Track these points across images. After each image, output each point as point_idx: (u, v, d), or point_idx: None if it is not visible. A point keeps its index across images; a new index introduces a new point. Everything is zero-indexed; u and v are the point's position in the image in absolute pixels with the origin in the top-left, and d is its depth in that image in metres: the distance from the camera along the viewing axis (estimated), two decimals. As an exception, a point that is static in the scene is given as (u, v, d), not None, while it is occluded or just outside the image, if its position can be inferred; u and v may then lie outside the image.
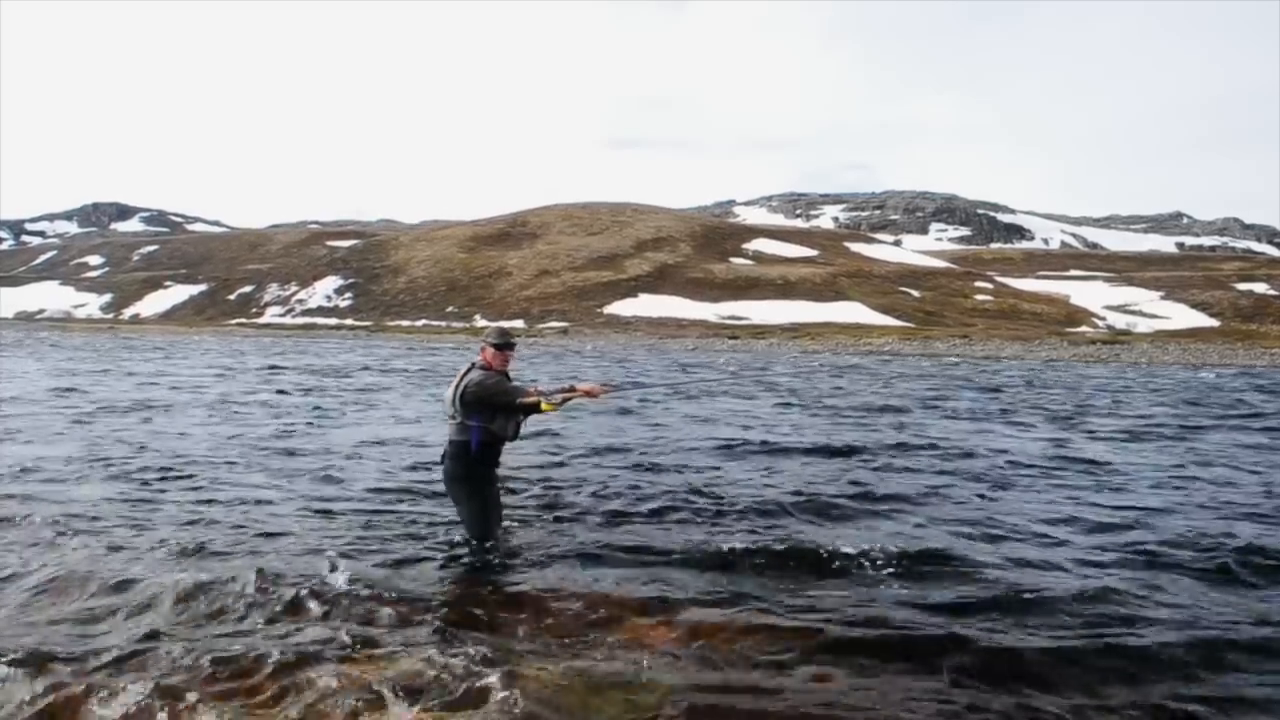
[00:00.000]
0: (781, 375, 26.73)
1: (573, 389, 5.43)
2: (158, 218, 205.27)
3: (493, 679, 3.61)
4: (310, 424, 12.32)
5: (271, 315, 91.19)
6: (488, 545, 5.44)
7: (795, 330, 63.09)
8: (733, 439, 10.94)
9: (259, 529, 6.02)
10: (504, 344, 5.44)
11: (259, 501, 6.93)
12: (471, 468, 5.36)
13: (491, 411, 5.24)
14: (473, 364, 5.41)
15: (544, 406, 5.14)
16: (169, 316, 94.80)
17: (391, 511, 6.64)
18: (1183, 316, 73.05)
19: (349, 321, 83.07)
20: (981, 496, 7.74)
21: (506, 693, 3.50)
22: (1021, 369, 32.13)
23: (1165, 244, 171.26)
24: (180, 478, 7.90)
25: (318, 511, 6.60)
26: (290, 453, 9.52)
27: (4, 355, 30.74)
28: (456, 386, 5.30)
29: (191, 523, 6.19)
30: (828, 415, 14.66)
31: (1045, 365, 35.61)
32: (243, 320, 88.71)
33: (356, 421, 12.85)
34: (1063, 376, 27.71)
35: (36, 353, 33.43)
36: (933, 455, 9.95)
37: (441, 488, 5.75)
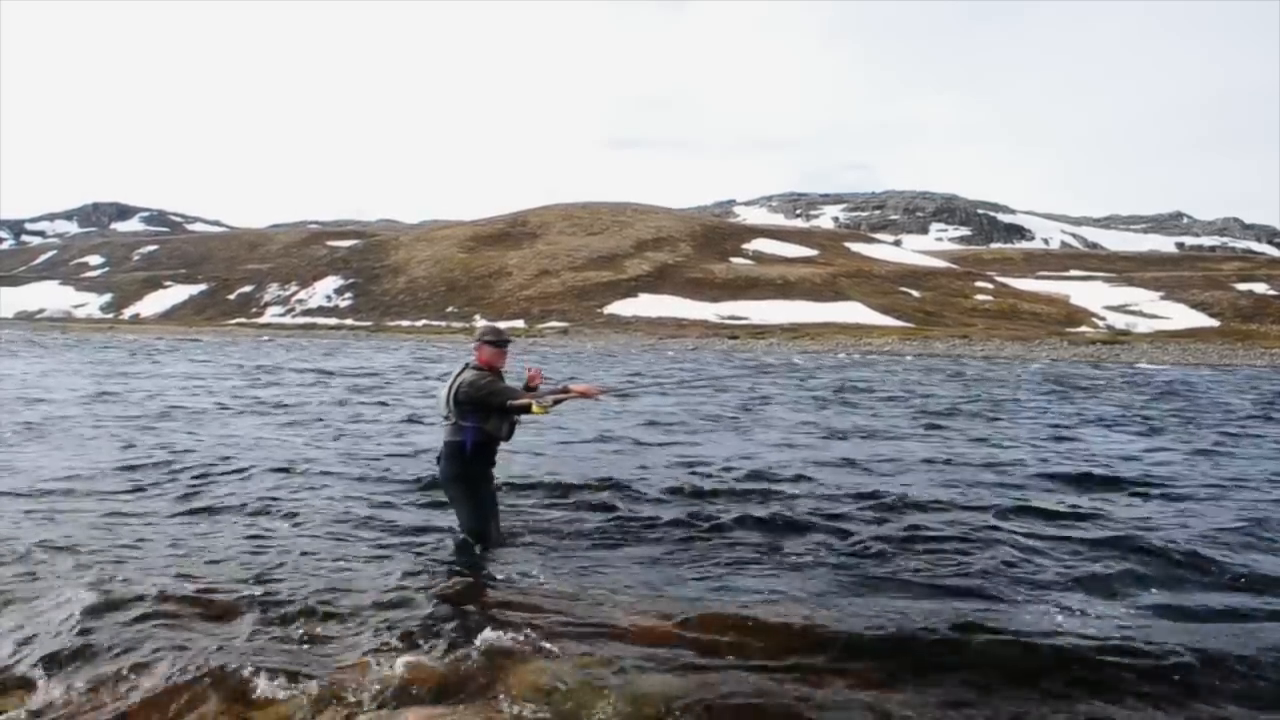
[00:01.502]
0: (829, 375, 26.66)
1: (567, 390, 5.40)
2: (158, 218, 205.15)
3: (490, 679, 3.61)
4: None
5: (271, 315, 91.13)
6: (484, 545, 5.43)
7: (795, 330, 63.05)
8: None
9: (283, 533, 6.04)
10: (498, 342, 5.42)
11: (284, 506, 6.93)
12: (467, 468, 5.34)
13: (485, 412, 5.22)
14: (467, 364, 5.40)
15: (535, 409, 5.08)
16: (169, 316, 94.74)
17: (394, 512, 6.64)
18: (1182, 316, 72.99)
19: (349, 322, 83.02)
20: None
21: (503, 694, 3.50)
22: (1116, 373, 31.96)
23: (1165, 244, 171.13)
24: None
25: (334, 518, 6.57)
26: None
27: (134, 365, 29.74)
28: (450, 387, 5.29)
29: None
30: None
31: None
32: (243, 320, 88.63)
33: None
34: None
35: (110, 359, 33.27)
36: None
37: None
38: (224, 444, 10.07)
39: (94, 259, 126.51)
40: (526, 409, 5.11)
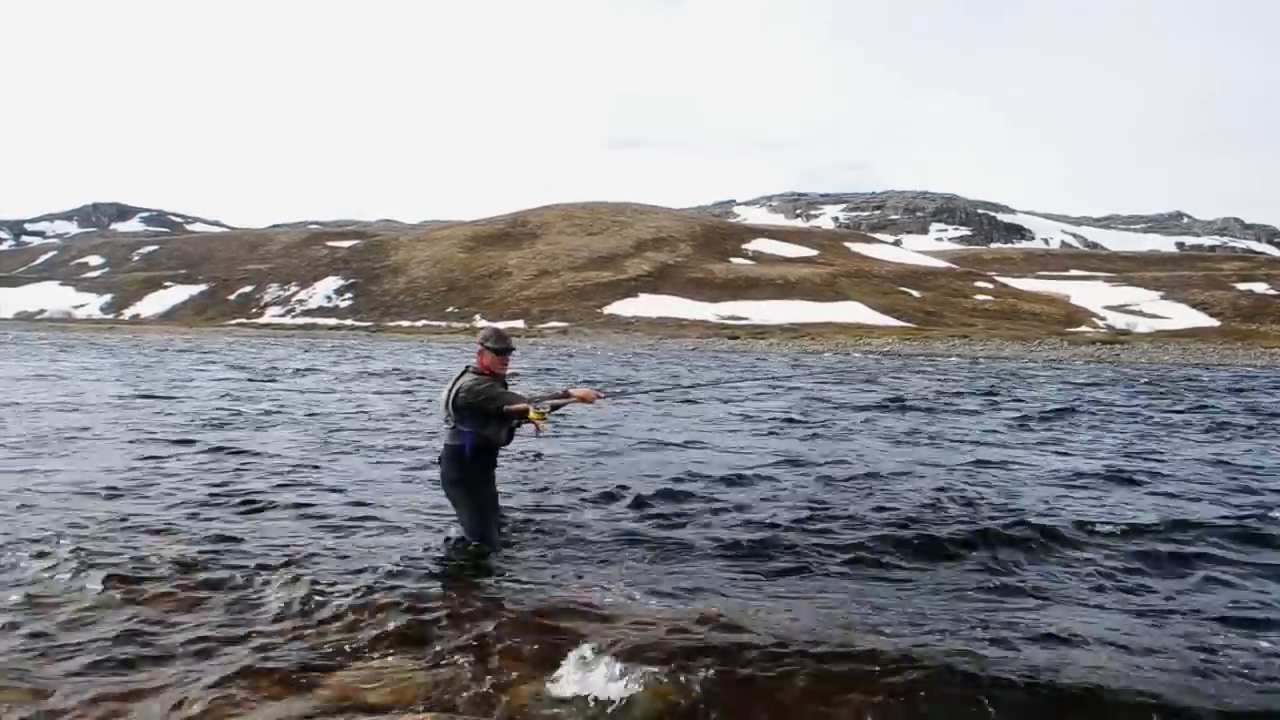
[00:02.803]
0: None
1: (566, 395, 5.34)
2: (158, 218, 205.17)
3: (489, 687, 3.58)
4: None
5: (271, 315, 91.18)
6: (485, 547, 5.40)
7: (795, 330, 63.07)
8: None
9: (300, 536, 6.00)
10: (500, 348, 5.36)
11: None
12: (466, 471, 5.31)
13: (484, 417, 5.18)
14: (467, 367, 5.35)
15: (532, 415, 5.02)
16: (169, 317, 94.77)
17: (397, 512, 6.61)
18: (1183, 316, 73.06)
19: (349, 322, 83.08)
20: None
21: (503, 702, 3.46)
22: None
23: (1165, 244, 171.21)
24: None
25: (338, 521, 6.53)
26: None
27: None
28: (450, 390, 5.26)
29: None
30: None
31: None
32: (243, 320, 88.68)
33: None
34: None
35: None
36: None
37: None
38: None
39: (94, 259, 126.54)
40: (524, 415, 5.05)
